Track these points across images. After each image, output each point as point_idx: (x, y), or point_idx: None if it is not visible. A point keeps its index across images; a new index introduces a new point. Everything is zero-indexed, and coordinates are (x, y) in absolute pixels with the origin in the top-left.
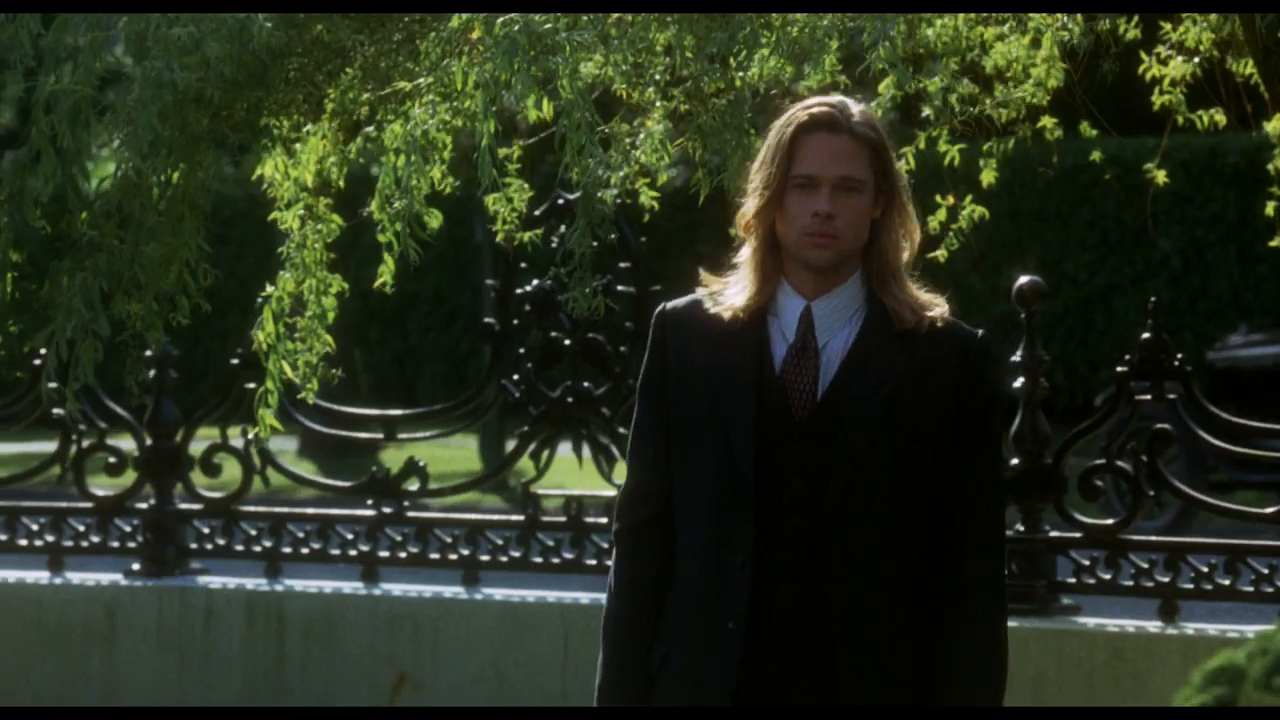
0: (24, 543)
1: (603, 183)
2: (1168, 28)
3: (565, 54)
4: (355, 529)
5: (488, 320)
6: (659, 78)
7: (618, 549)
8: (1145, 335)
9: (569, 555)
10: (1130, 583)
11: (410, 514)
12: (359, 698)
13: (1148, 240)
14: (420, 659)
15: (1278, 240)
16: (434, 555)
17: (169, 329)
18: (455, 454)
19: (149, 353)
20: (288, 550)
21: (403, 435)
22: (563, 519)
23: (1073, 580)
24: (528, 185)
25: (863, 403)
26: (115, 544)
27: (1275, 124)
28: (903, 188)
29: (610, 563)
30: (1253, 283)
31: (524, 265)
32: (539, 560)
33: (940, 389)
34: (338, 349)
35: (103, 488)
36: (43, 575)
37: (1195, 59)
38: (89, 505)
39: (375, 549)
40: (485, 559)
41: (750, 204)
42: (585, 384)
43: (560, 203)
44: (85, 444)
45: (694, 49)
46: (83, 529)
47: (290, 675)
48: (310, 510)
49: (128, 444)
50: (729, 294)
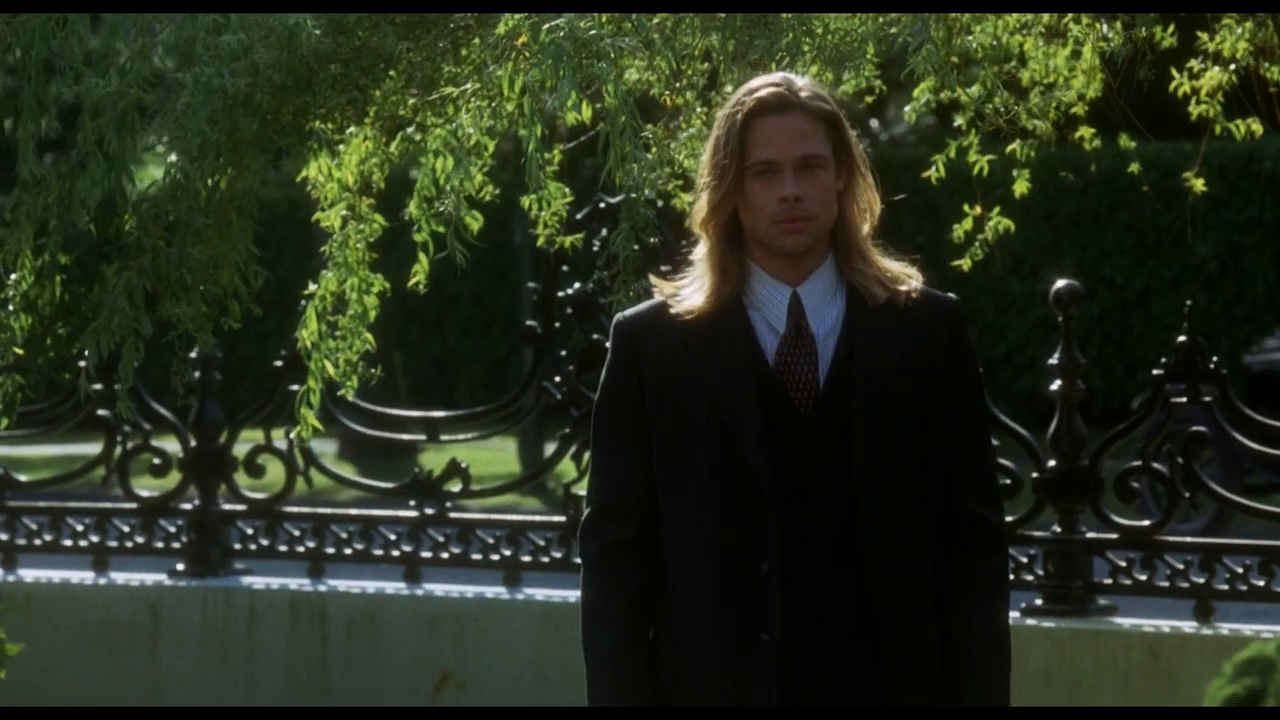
0: (69, 543)
1: (642, 185)
2: (1204, 37)
3: (610, 59)
4: (398, 530)
5: (530, 323)
6: (698, 83)
7: (590, 574)
8: (1181, 339)
9: None
10: (1166, 584)
11: (452, 515)
12: (402, 697)
13: (1185, 244)
14: (462, 658)
15: None
16: (476, 556)
17: (215, 331)
18: (494, 456)
19: (192, 355)
20: (331, 551)
21: (445, 437)
22: None
23: (1109, 581)
24: (568, 189)
25: (870, 387)
26: (160, 544)
27: None
28: (859, 156)
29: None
30: None
31: (565, 269)
32: (579, 561)
33: (933, 362)
34: (378, 350)
35: (147, 489)
36: (87, 575)
37: (1232, 67)
38: (133, 506)
39: (418, 550)
40: (527, 560)
41: (705, 199)
42: None
43: (601, 206)
44: (130, 445)
45: (736, 55)
46: (127, 529)
47: (334, 675)
48: (353, 511)
49: (172, 446)
50: (687, 294)
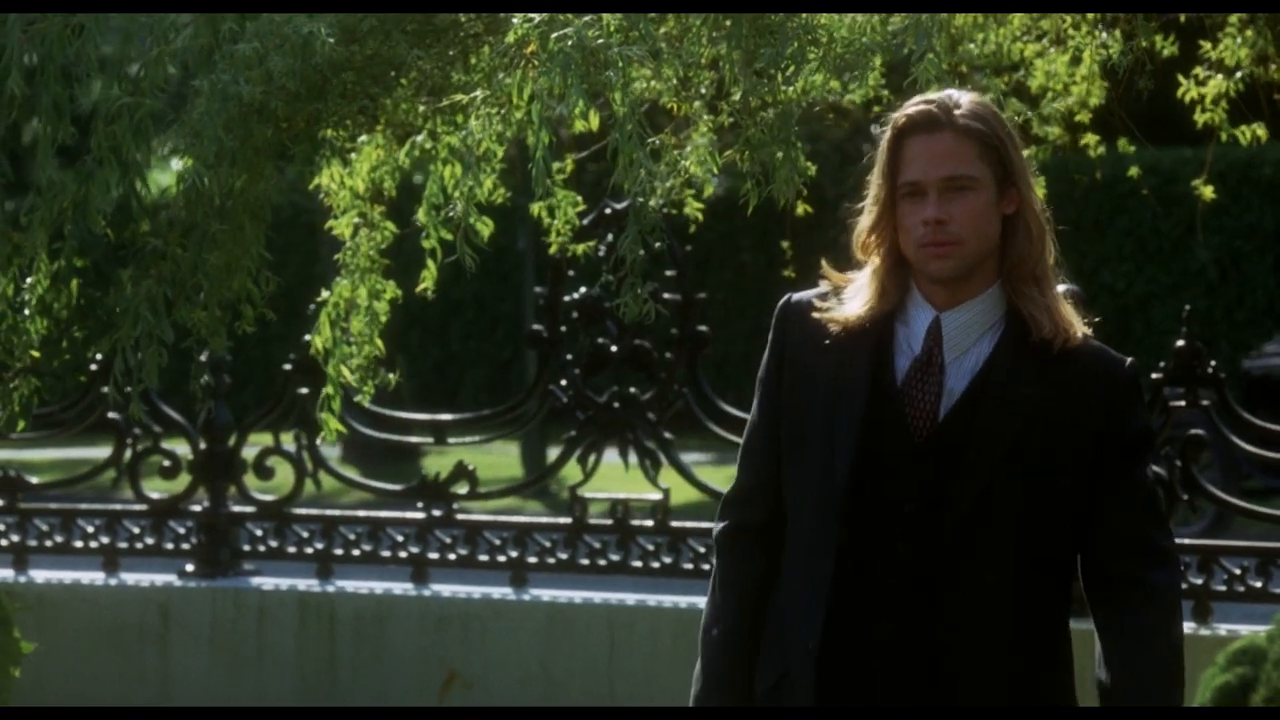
0: (80, 544)
1: (650, 192)
2: (1207, 46)
3: (618, 67)
4: (405, 531)
5: (535, 327)
6: (705, 91)
7: (717, 554)
8: (1179, 343)
9: (615, 557)
10: None
11: (459, 517)
12: (409, 696)
13: (1185, 250)
14: (469, 658)
15: None
16: (483, 557)
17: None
18: (497, 460)
19: (202, 358)
20: (339, 552)
21: (452, 440)
22: (609, 522)
23: None
24: (579, 197)
25: (991, 431)
26: (170, 546)
27: None
28: (1029, 181)
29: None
30: None
31: (571, 273)
32: (585, 562)
33: (1080, 420)
34: (385, 355)
35: (157, 491)
36: (98, 576)
37: (1237, 75)
38: (144, 508)
39: (425, 551)
40: (533, 561)
41: (863, 221)
42: (631, 389)
43: (608, 212)
44: (140, 448)
45: (741, 63)
46: (138, 531)
47: (342, 674)
48: (361, 513)
49: (182, 448)
50: (847, 298)
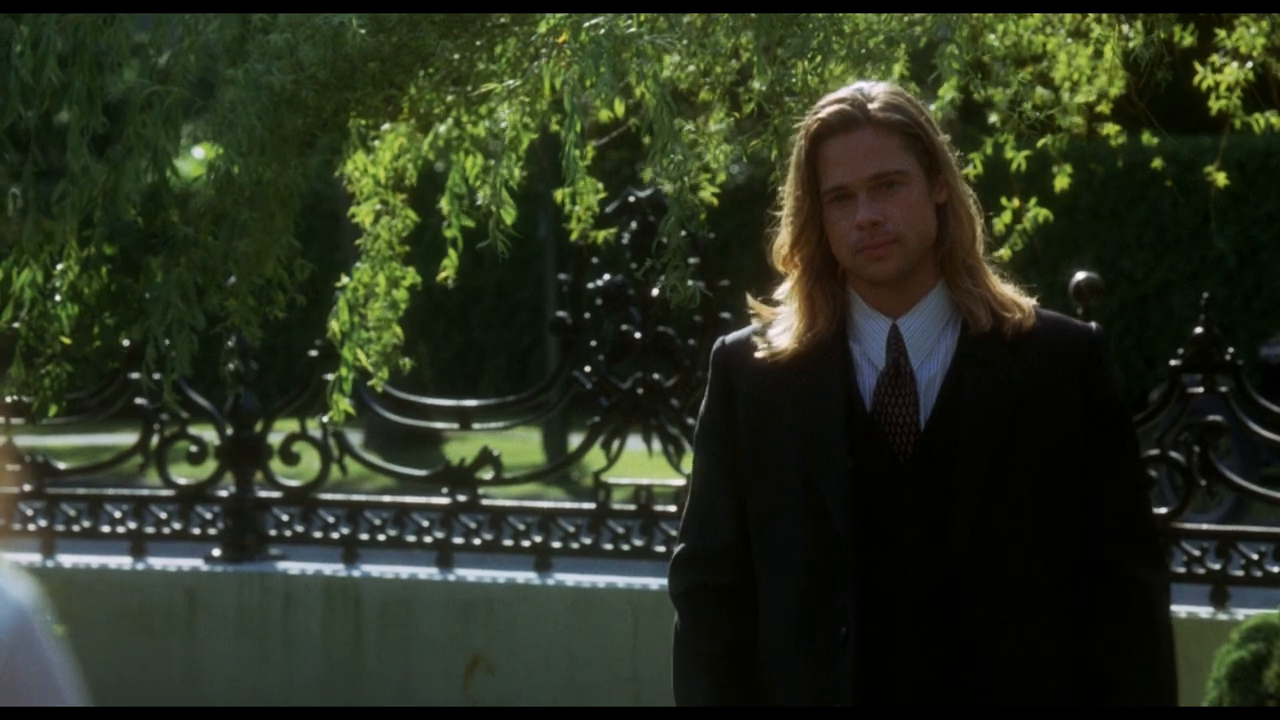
0: (107, 529)
1: (685, 173)
2: (1222, 34)
3: (648, 55)
4: (430, 517)
5: (560, 314)
6: (727, 79)
7: (678, 616)
8: (1197, 330)
9: (638, 542)
10: (1182, 569)
11: (484, 502)
12: (434, 680)
13: (1203, 238)
14: (493, 643)
15: None
16: (507, 542)
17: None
18: (519, 446)
19: (229, 344)
20: (365, 537)
21: (476, 426)
22: (632, 507)
23: None
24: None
25: (977, 433)
26: (196, 531)
27: None
28: (951, 163)
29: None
30: None
31: (594, 260)
32: (609, 547)
33: (1062, 398)
34: (405, 342)
35: (183, 476)
36: (125, 561)
37: (1249, 64)
38: (171, 493)
39: (450, 536)
40: (557, 546)
41: (783, 235)
42: (655, 376)
43: (631, 200)
44: (167, 434)
45: (766, 53)
46: (164, 516)
47: (367, 658)
48: (386, 498)
49: (209, 434)
50: (774, 335)
